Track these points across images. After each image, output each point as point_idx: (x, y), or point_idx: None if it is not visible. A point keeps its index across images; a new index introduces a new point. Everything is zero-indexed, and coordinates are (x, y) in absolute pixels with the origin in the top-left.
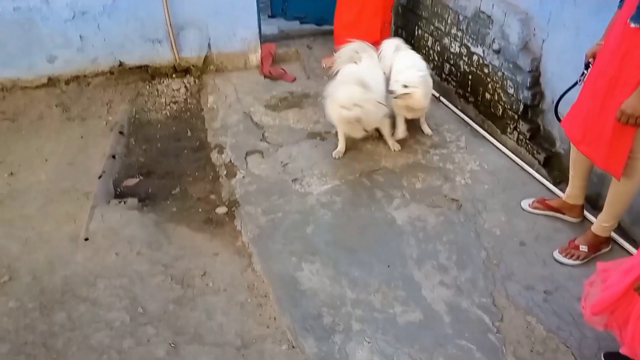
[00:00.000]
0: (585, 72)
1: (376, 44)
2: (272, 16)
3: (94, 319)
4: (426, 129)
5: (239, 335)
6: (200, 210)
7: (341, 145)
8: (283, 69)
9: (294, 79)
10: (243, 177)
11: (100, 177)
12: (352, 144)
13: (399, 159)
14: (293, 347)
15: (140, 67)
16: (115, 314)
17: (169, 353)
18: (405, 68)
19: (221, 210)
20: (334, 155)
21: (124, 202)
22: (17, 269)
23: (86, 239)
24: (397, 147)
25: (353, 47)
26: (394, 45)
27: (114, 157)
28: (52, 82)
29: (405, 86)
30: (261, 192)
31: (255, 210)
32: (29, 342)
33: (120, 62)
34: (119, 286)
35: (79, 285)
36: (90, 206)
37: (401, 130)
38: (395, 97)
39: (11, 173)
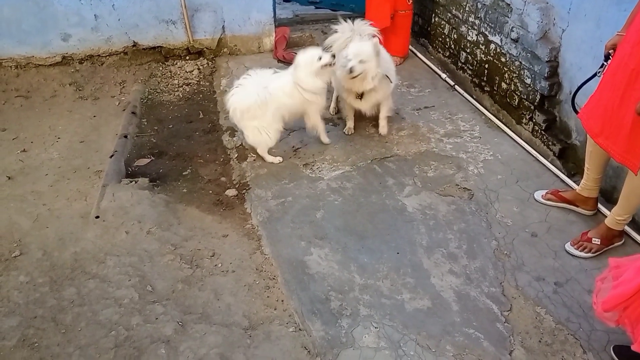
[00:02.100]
0: (605, 63)
1: (385, 31)
2: (287, 0)
3: (103, 295)
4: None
5: (246, 316)
6: (210, 192)
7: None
8: (297, 54)
9: None
10: (254, 160)
11: (111, 156)
12: (364, 130)
13: (411, 146)
14: (300, 329)
15: (154, 48)
16: (124, 292)
17: (176, 331)
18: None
19: (231, 192)
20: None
21: (135, 182)
22: (28, 244)
23: (97, 217)
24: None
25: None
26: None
27: (125, 136)
28: (66, 60)
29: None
30: (272, 175)
31: (266, 194)
32: (38, 316)
33: (134, 42)
34: (129, 264)
35: (89, 261)
36: (102, 184)
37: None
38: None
39: (24, 150)
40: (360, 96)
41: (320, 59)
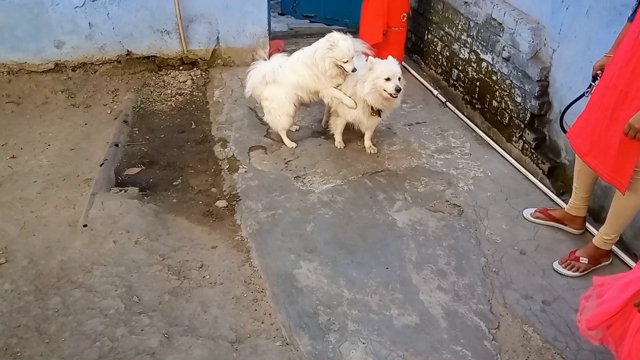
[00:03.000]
0: (593, 84)
1: (378, 46)
2: (282, 14)
3: (89, 305)
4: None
5: (233, 329)
6: (200, 202)
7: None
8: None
9: None
10: (245, 171)
11: (102, 164)
12: (355, 144)
13: (403, 161)
14: (287, 344)
15: (147, 57)
16: (110, 302)
17: (162, 343)
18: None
19: (221, 203)
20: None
21: (125, 191)
22: (14, 252)
23: (85, 226)
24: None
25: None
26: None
27: (116, 145)
28: (58, 67)
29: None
30: (262, 187)
31: (256, 206)
32: (22, 325)
33: (128, 51)
34: (115, 274)
35: (75, 271)
36: (91, 193)
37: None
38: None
39: (13, 156)
40: (378, 112)
41: (346, 62)
